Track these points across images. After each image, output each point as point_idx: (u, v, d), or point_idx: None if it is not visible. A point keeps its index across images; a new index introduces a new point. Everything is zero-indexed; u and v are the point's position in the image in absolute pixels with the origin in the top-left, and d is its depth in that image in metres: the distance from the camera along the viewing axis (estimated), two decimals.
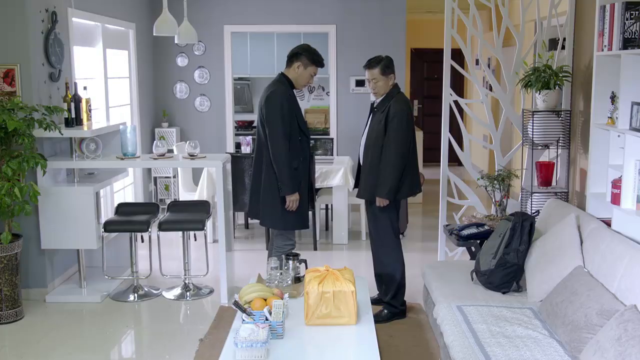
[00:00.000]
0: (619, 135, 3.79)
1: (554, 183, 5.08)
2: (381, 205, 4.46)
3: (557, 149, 5.04)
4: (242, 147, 7.00)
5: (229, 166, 5.51)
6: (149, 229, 5.16)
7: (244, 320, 3.21)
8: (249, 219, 7.38)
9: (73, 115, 5.12)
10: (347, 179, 6.52)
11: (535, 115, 4.88)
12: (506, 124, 5.66)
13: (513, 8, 6.55)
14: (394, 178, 4.38)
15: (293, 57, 4.42)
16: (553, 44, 5.47)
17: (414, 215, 7.80)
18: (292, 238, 4.58)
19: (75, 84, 5.29)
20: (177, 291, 5.29)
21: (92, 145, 5.12)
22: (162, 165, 5.25)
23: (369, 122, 4.64)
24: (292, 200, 4.36)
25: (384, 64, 4.47)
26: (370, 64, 4.49)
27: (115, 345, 4.40)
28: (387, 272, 4.65)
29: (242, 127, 10.64)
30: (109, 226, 5.12)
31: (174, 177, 7.94)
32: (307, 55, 4.39)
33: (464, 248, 5.01)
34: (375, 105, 4.58)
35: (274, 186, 4.36)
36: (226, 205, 5.13)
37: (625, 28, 3.61)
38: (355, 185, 4.85)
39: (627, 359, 2.53)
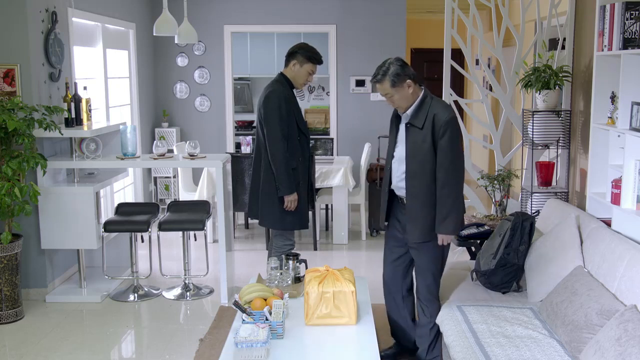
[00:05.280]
0: (619, 135, 3.79)
1: (554, 183, 5.08)
2: (445, 243, 3.61)
3: (557, 149, 5.05)
4: (242, 147, 7.00)
5: (229, 166, 5.51)
6: (149, 229, 5.16)
7: (244, 320, 3.21)
8: (249, 219, 7.38)
9: (73, 115, 5.12)
10: (347, 179, 6.52)
11: (535, 115, 4.89)
12: (506, 124, 5.67)
13: (513, 8, 6.55)
14: (459, 206, 3.53)
15: (289, 56, 4.42)
16: (553, 44, 5.48)
17: None
18: (292, 238, 4.58)
19: (75, 84, 5.29)
20: (177, 291, 5.29)
21: (92, 145, 5.12)
22: (162, 165, 5.25)
23: (400, 141, 3.67)
24: (290, 201, 4.35)
25: (392, 74, 3.48)
26: (377, 78, 3.53)
27: (115, 345, 4.40)
28: (427, 328, 3.83)
29: (242, 127, 10.65)
30: (109, 226, 5.11)
31: (174, 177, 7.94)
32: (302, 53, 4.38)
33: (464, 248, 5.01)
34: (409, 120, 3.58)
35: (273, 186, 4.36)
36: (226, 205, 5.13)
37: (625, 28, 3.61)
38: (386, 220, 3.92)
39: (627, 359, 2.53)
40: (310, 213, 5.86)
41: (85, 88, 5.39)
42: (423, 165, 3.52)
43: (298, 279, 3.93)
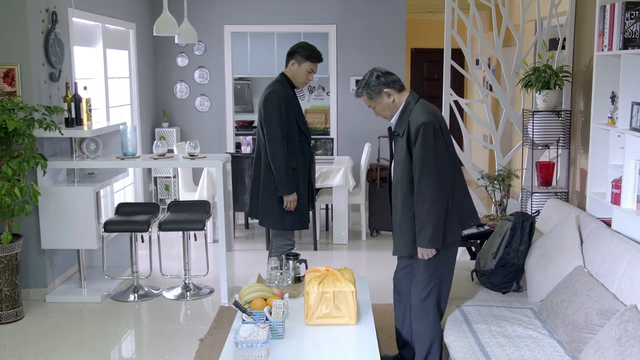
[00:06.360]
0: (619, 135, 3.79)
1: (554, 183, 5.08)
2: (426, 257, 3.38)
3: (557, 149, 5.05)
4: (242, 147, 7.01)
5: (229, 166, 5.51)
6: (149, 229, 5.16)
7: (244, 320, 3.21)
8: (249, 219, 7.38)
9: (73, 115, 5.12)
10: (347, 179, 6.52)
11: (535, 115, 4.89)
12: (506, 124, 5.67)
13: (513, 8, 6.55)
14: (435, 218, 3.29)
15: (289, 55, 4.43)
16: (553, 44, 5.48)
17: None
18: (291, 238, 4.58)
19: (76, 84, 5.29)
20: (177, 291, 5.29)
21: (92, 145, 5.12)
22: (162, 165, 5.25)
23: (393, 153, 3.58)
24: (290, 201, 4.35)
25: (368, 85, 3.45)
26: (357, 93, 3.54)
27: (115, 345, 4.40)
28: (419, 343, 3.59)
29: (242, 127, 10.65)
30: (109, 226, 5.11)
31: (174, 177, 7.94)
32: (300, 52, 4.38)
33: (464, 248, 5.01)
34: (394, 128, 3.51)
35: (273, 186, 4.36)
36: (226, 205, 5.12)
37: (625, 28, 3.61)
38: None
39: (628, 359, 2.53)
40: (310, 213, 5.86)
41: (85, 88, 5.39)
42: (403, 175, 3.37)
43: (298, 279, 3.93)
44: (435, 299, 3.48)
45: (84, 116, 5.21)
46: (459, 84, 10.97)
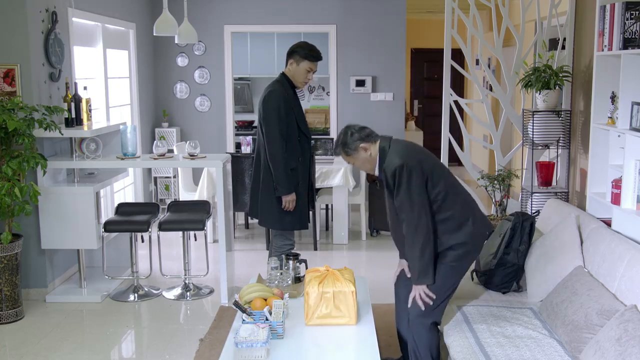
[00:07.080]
0: (619, 135, 3.79)
1: (554, 183, 5.08)
2: (417, 296, 3.40)
3: (557, 149, 5.05)
4: (242, 147, 7.00)
5: (229, 166, 5.51)
6: (149, 229, 5.16)
7: (244, 320, 3.21)
8: (249, 219, 7.38)
9: (73, 115, 5.12)
10: (347, 179, 6.52)
11: (535, 115, 4.89)
12: (506, 124, 5.67)
13: (513, 8, 6.56)
14: (419, 256, 3.32)
15: (288, 55, 4.43)
16: (553, 44, 5.48)
17: None
18: (291, 238, 4.58)
19: (76, 84, 5.29)
20: (177, 291, 5.29)
21: (92, 145, 5.12)
22: (162, 165, 5.26)
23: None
24: (288, 201, 4.36)
25: (345, 144, 3.42)
26: (336, 152, 3.53)
27: (115, 345, 4.40)
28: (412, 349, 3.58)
29: (242, 127, 10.65)
30: (109, 226, 5.11)
31: (174, 177, 7.94)
32: (299, 51, 4.38)
33: None
34: (379, 176, 3.53)
35: (272, 186, 4.36)
36: (226, 205, 5.12)
37: (625, 28, 3.61)
38: None
39: (628, 359, 2.53)
40: (310, 213, 5.86)
41: (85, 88, 5.39)
42: (392, 216, 3.53)
43: (298, 279, 3.93)
44: (436, 306, 3.45)
45: (84, 116, 5.21)
46: (459, 84, 10.97)
